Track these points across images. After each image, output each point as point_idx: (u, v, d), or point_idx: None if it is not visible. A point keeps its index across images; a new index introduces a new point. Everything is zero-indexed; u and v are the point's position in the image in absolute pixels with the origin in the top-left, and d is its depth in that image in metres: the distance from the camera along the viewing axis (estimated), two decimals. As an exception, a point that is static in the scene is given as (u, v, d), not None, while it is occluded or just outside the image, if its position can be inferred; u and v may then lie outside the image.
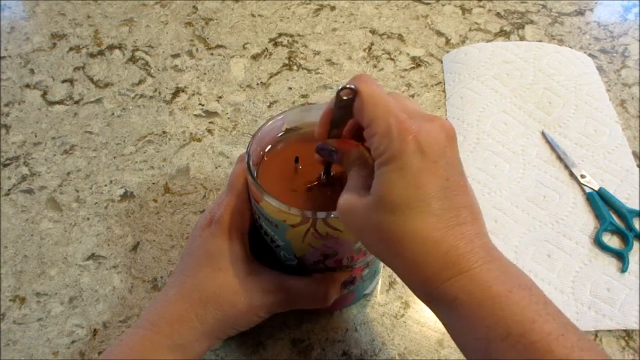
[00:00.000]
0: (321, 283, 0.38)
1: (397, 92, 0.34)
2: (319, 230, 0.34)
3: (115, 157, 0.55)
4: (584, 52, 0.65)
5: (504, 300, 0.27)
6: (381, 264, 0.45)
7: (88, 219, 0.51)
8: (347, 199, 0.31)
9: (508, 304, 0.27)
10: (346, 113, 0.31)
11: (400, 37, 0.68)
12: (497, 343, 0.27)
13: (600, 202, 0.50)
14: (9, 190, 0.53)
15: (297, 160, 0.38)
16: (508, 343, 0.26)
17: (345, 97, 0.30)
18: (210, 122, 0.59)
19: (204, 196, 0.52)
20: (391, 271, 0.47)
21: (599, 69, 0.63)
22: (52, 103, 0.60)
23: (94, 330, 0.44)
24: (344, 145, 0.34)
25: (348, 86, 0.30)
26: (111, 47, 0.67)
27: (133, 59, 0.65)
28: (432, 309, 0.31)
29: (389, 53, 0.66)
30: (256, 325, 0.39)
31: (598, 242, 0.48)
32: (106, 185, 0.53)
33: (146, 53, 0.66)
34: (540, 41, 0.67)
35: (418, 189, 0.28)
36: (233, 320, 0.37)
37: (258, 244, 0.39)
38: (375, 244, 0.31)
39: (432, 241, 0.28)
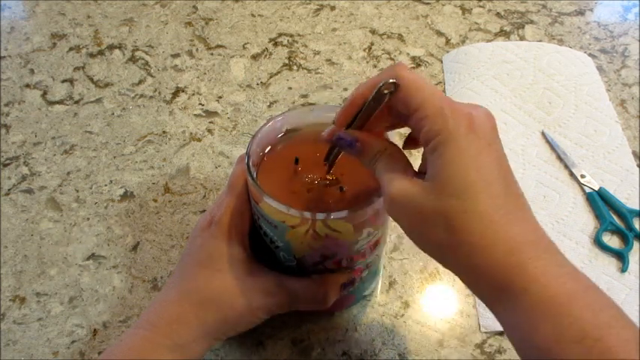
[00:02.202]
0: (321, 285, 0.38)
1: None
2: (318, 231, 0.34)
3: (115, 157, 0.55)
4: (584, 52, 0.65)
5: (579, 299, 0.25)
6: (382, 265, 0.45)
7: (88, 219, 0.51)
8: (401, 185, 0.29)
9: (583, 304, 0.25)
10: (376, 109, 0.31)
11: (400, 37, 0.68)
12: (571, 346, 0.25)
13: (600, 202, 0.50)
14: (9, 190, 0.53)
15: (296, 161, 0.38)
16: (583, 347, 0.24)
17: (386, 92, 0.30)
18: (210, 122, 0.59)
19: (204, 196, 0.52)
20: (391, 271, 0.47)
21: (599, 69, 0.63)
22: (52, 103, 0.60)
23: (94, 330, 0.44)
24: (366, 136, 0.32)
25: (390, 81, 0.30)
26: (111, 47, 0.66)
27: (133, 59, 0.65)
28: (492, 307, 0.29)
29: (389, 53, 0.66)
30: (256, 325, 0.39)
31: (598, 242, 0.48)
32: (106, 185, 0.53)
33: (146, 53, 0.66)
34: (540, 41, 0.67)
35: (479, 171, 0.28)
36: (232, 321, 0.37)
37: (257, 245, 0.39)
38: (433, 233, 0.28)
39: (498, 224, 0.27)
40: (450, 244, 0.28)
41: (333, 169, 0.36)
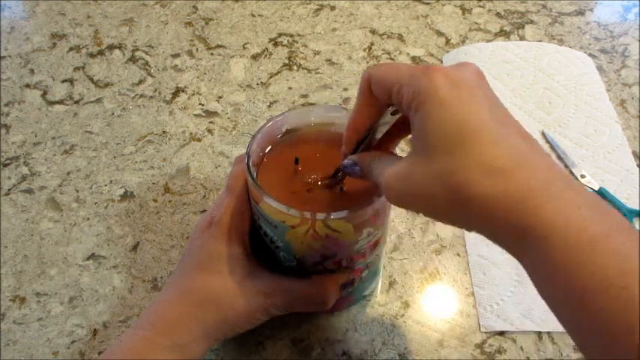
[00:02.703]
0: (320, 286, 0.38)
1: None
2: (318, 231, 0.34)
3: (115, 157, 0.55)
4: (584, 52, 0.65)
5: (602, 245, 0.23)
6: (381, 265, 0.45)
7: (88, 219, 0.51)
8: (393, 170, 0.29)
9: (606, 250, 0.23)
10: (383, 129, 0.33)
11: (400, 37, 0.68)
12: (596, 295, 0.23)
13: (600, 202, 0.50)
14: (9, 190, 0.53)
15: (296, 161, 0.38)
16: (609, 296, 0.23)
17: (391, 114, 0.32)
18: (210, 122, 0.59)
19: (204, 196, 0.52)
20: (391, 271, 0.47)
21: (599, 69, 0.63)
22: (52, 103, 0.60)
23: (94, 330, 0.44)
24: (360, 155, 0.34)
25: (391, 110, 0.32)
26: (111, 47, 0.66)
27: (133, 59, 0.65)
28: (517, 257, 0.27)
29: (389, 53, 0.66)
30: (256, 326, 0.39)
31: (598, 242, 0.48)
32: (106, 185, 0.53)
33: (146, 53, 0.66)
34: (540, 41, 0.67)
35: (466, 121, 0.26)
36: (231, 322, 0.37)
37: (257, 245, 0.39)
38: (437, 200, 0.27)
39: (502, 172, 0.25)
40: (457, 206, 0.26)
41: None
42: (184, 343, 0.36)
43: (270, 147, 0.39)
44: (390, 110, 0.32)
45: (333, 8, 0.71)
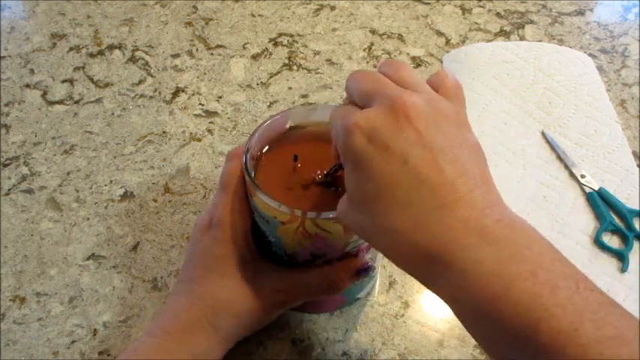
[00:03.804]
0: (331, 272, 0.38)
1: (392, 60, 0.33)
2: (308, 229, 0.34)
3: (115, 157, 0.55)
4: (584, 52, 0.65)
5: (504, 300, 0.24)
6: (378, 267, 0.45)
7: (88, 219, 0.51)
8: (340, 204, 0.31)
9: (508, 304, 0.24)
10: None
11: (400, 37, 0.68)
12: (506, 346, 0.25)
13: (600, 202, 0.50)
14: (9, 190, 0.53)
15: (295, 158, 0.38)
16: (517, 346, 0.24)
17: None
18: (210, 122, 0.59)
19: (204, 196, 0.52)
20: (391, 271, 0.47)
21: (599, 69, 0.63)
22: (52, 103, 0.60)
23: (94, 330, 0.44)
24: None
25: None
26: (111, 47, 0.66)
27: (133, 59, 0.65)
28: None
29: (389, 53, 0.66)
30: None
31: (598, 242, 0.48)
32: (106, 185, 0.53)
33: (146, 53, 0.66)
34: (540, 41, 0.67)
35: (377, 183, 0.27)
36: (247, 323, 0.37)
37: (255, 237, 0.39)
38: (370, 240, 0.30)
39: (407, 233, 0.26)
40: (380, 248, 0.29)
41: (329, 176, 0.37)
42: (202, 350, 0.36)
43: (269, 144, 0.39)
44: None
45: (333, 8, 0.71)
